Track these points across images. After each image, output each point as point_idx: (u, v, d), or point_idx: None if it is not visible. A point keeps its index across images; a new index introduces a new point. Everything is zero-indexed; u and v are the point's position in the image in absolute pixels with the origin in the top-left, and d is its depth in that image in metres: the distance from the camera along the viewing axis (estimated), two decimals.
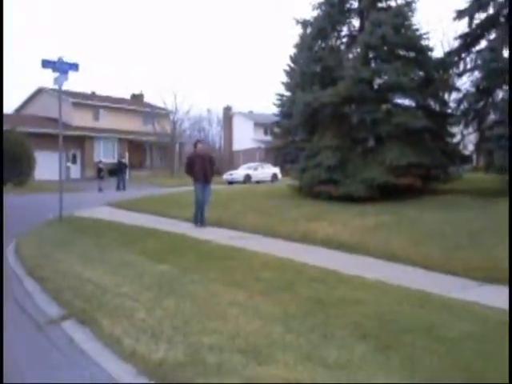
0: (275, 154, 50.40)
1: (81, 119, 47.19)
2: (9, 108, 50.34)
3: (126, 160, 35.64)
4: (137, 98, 59.63)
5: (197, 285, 6.79)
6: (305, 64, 18.53)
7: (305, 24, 18.33)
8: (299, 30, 19.82)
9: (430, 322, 5.13)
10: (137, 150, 50.59)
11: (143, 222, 14.17)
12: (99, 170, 35.50)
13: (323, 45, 18.23)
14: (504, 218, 11.77)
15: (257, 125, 61.43)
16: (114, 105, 51.62)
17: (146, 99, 59.66)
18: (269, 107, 79.17)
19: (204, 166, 12.95)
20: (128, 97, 59.95)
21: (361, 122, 16.61)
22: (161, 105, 55.51)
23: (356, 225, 11.83)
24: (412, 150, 16.08)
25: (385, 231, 10.98)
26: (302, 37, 18.13)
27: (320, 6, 18.00)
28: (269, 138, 54.86)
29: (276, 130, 51.20)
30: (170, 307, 5.82)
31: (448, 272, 8.12)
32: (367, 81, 16.50)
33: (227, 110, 66.94)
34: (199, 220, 13.16)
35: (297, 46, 18.07)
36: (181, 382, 3.99)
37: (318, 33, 17.84)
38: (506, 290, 7.09)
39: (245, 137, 61.16)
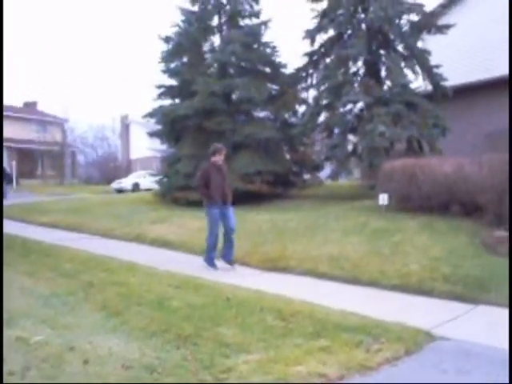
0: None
1: None
2: None
3: (7, 168, 35.31)
4: (29, 106, 58.76)
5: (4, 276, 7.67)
6: (168, 77, 19.69)
7: (167, 40, 19.44)
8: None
9: (168, 297, 6.32)
10: (27, 158, 50.02)
11: None
12: None
13: (183, 60, 19.42)
14: (320, 218, 13.30)
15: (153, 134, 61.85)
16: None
17: (40, 107, 58.94)
18: None
19: (223, 182, 9.50)
20: (20, 105, 58.94)
21: (216, 133, 17.85)
22: (55, 113, 55.12)
23: (191, 226, 12.99)
24: (261, 158, 17.51)
25: None
26: (163, 52, 19.21)
27: (178, 24, 19.24)
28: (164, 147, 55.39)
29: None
30: None
31: (244, 264, 9.41)
32: (220, 94, 17.76)
33: (124, 119, 67.12)
34: (223, 255, 9.50)
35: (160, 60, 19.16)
36: None
37: (176, 48, 19.04)
38: (279, 276, 8.47)
39: (142, 145, 61.54)
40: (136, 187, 39.28)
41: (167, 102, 20.40)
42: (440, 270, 8.28)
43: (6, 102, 59.64)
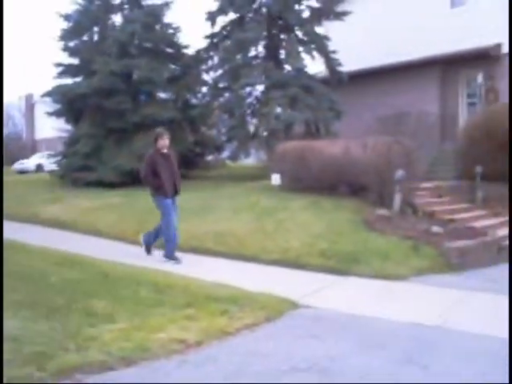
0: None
1: None
2: None
3: None
4: None
5: None
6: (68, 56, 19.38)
7: (66, 18, 19.07)
8: None
9: (47, 273, 6.50)
10: None
11: None
12: None
13: (83, 38, 19.18)
14: (216, 198, 13.58)
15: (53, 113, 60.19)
16: None
17: None
18: None
19: (172, 171, 8.65)
20: None
21: (115, 112, 17.75)
22: None
23: (84, 206, 13.01)
24: None
25: (104, 211, 12.28)
26: (62, 30, 18.83)
27: (78, 1, 18.93)
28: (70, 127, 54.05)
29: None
30: None
31: (134, 242, 9.56)
32: (120, 74, 17.65)
33: (29, 97, 64.98)
34: (150, 245, 8.96)
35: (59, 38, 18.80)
36: None
37: (76, 27, 18.75)
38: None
39: (48, 125, 59.75)
40: (39, 168, 38.05)
41: (68, 80, 20.05)
42: (318, 245, 8.81)
43: None
